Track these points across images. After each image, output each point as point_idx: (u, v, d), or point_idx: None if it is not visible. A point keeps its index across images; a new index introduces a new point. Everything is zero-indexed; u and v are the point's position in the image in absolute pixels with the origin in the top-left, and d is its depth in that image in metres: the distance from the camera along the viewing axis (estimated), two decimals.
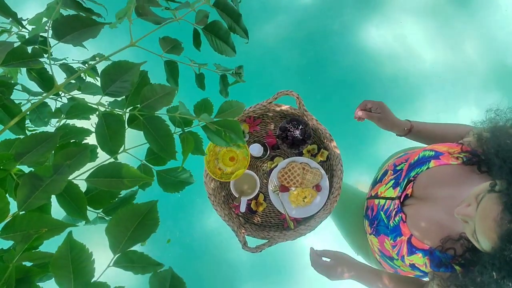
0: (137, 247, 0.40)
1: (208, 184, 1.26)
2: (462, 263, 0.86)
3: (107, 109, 0.51)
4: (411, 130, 1.16)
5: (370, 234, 1.16)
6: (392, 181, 1.11)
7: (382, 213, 1.09)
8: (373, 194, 1.19)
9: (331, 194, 1.30)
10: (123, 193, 0.56)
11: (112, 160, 0.51)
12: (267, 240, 1.26)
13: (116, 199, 0.54)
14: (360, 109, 1.18)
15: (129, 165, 0.50)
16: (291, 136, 1.27)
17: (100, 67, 0.56)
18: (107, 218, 0.56)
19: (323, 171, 1.33)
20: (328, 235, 1.80)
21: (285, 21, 2.04)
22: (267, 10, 2.03)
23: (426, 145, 1.14)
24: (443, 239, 0.89)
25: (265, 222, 1.38)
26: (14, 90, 0.58)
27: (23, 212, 0.44)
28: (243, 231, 1.27)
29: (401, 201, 1.03)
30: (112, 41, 1.41)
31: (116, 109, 0.51)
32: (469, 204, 0.77)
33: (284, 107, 1.31)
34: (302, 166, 1.33)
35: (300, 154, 1.36)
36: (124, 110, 0.52)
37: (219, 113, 0.57)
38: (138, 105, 0.51)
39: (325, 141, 1.32)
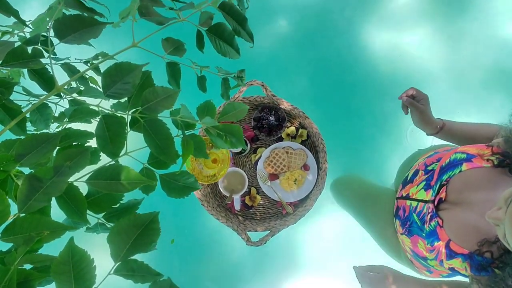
0: (142, 257, 0.40)
1: (198, 192, 1.27)
2: (501, 266, 0.85)
3: (109, 111, 0.50)
4: (442, 128, 1.15)
5: (401, 234, 1.15)
6: (424, 183, 1.10)
7: (414, 215, 1.09)
8: (404, 195, 1.18)
9: (320, 170, 1.31)
10: (125, 199, 0.55)
11: (113, 163, 0.50)
12: (269, 231, 1.26)
13: (118, 205, 0.53)
14: (406, 95, 1.15)
15: (129, 167, 0.49)
16: (267, 123, 1.28)
17: (103, 66, 0.56)
18: (108, 225, 0.56)
19: (307, 150, 1.34)
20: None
21: (284, 22, 2.04)
22: (267, 11, 2.02)
23: (453, 145, 1.12)
24: (480, 242, 0.89)
25: (264, 214, 1.39)
26: (15, 92, 0.58)
27: (24, 214, 0.43)
28: (244, 228, 1.27)
29: (435, 205, 1.03)
30: (114, 42, 1.40)
31: (118, 111, 0.51)
32: (499, 208, 0.76)
33: (253, 98, 1.31)
34: (285, 150, 1.34)
35: (281, 139, 1.37)
36: (126, 112, 0.51)
37: (222, 115, 0.57)
38: (139, 107, 0.51)
39: (301, 120, 1.33)
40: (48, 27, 0.51)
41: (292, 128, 1.36)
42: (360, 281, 1.16)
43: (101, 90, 0.49)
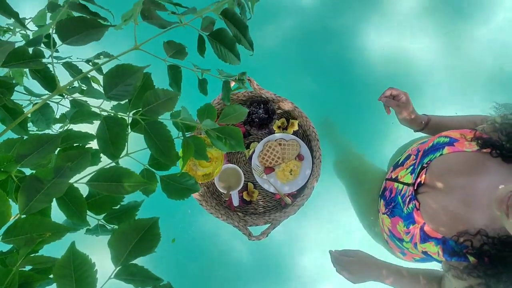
0: (141, 259, 0.41)
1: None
2: (476, 253, 0.85)
3: (110, 113, 0.51)
4: (428, 124, 1.16)
5: (383, 214, 1.16)
6: (412, 167, 1.11)
7: (399, 197, 1.10)
8: (393, 177, 1.20)
9: (314, 159, 1.32)
10: (125, 201, 0.56)
11: (113, 164, 0.50)
12: (270, 224, 1.28)
13: (118, 206, 0.54)
14: (385, 96, 1.16)
15: (130, 169, 0.50)
16: (257, 117, 1.29)
17: (105, 67, 0.56)
18: (108, 227, 0.56)
19: (299, 140, 1.35)
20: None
21: (285, 22, 2.03)
22: (266, 12, 2.02)
23: None
24: (459, 233, 0.88)
25: (263, 208, 1.40)
26: (17, 91, 0.58)
27: (24, 215, 0.44)
28: (244, 224, 1.28)
29: (415, 188, 1.03)
30: (116, 44, 1.40)
31: (119, 113, 0.51)
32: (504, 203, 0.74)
33: (240, 93, 1.31)
34: (278, 142, 1.35)
35: (272, 132, 1.37)
36: (127, 113, 0.51)
37: (222, 117, 0.57)
38: (140, 109, 0.51)
39: (291, 111, 1.33)
40: (51, 28, 0.51)
41: (283, 120, 1.37)
42: (335, 265, 1.17)
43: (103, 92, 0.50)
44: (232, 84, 0.66)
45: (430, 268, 1.09)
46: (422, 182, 1.02)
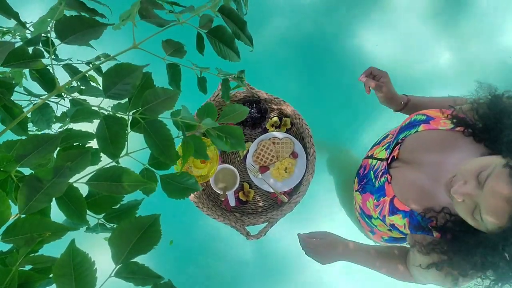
0: (142, 257, 0.40)
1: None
2: (440, 229, 0.86)
3: (110, 112, 0.51)
4: (407, 104, 1.16)
5: (356, 191, 1.18)
6: (388, 144, 1.14)
7: (372, 172, 1.12)
8: (369, 155, 1.22)
9: (308, 155, 1.32)
10: (125, 200, 0.56)
11: (113, 164, 0.50)
12: (267, 223, 1.28)
13: (118, 205, 0.53)
14: (365, 76, 1.16)
15: (130, 169, 0.49)
16: (250, 117, 1.29)
17: (105, 67, 0.56)
18: (108, 226, 0.56)
19: (292, 138, 1.35)
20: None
21: (283, 23, 2.04)
22: (265, 12, 2.02)
23: None
24: (425, 209, 0.90)
25: (260, 208, 1.40)
26: (16, 92, 0.58)
27: (24, 215, 0.43)
28: (242, 224, 1.28)
29: (388, 162, 1.05)
30: (114, 43, 1.41)
31: (119, 112, 0.51)
32: (465, 182, 0.74)
33: (232, 94, 1.32)
34: (271, 141, 1.35)
35: (265, 131, 1.38)
36: (127, 113, 0.51)
37: (222, 116, 0.57)
38: (140, 108, 0.51)
39: (283, 109, 1.33)
40: (49, 28, 0.51)
41: (275, 118, 1.37)
42: (303, 247, 1.17)
43: (101, 89, 0.50)
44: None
45: (396, 245, 1.12)
46: (395, 157, 1.04)
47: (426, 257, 0.86)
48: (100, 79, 0.54)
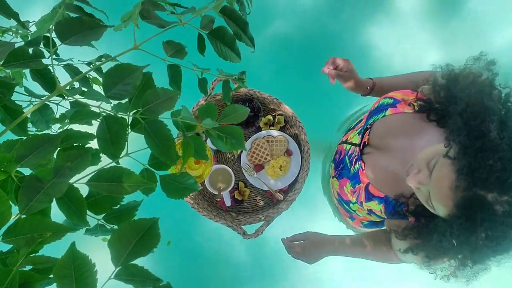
0: (141, 259, 0.40)
1: None
2: (412, 212, 0.87)
3: (110, 112, 0.51)
4: (373, 88, 1.14)
5: (333, 177, 1.18)
6: (361, 128, 1.12)
7: (347, 157, 1.11)
8: (344, 140, 1.21)
9: (303, 153, 1.32)
10: (125, 201, 0.56)
11: (113, 164, 0.50)
12: (263, 221, 1.28)
13: (118, 206, 0.53)
14: (328, 67, 1.14)
15: (130, 169, 0.50)
16: None
17: (105, 68, 0.56)
18: (108, 227, 0.56)
19: (286, 136, 1.35)
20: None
21: (283, 24, 2.04)
22: (265, 13, 2.03)
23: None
24: (396, 195, 0.90)
25: (256, 206, 1.40)
26: (17, 92, 0.58)
27: (24, 215, 0.44)
28: (238, 223, 1.28)
29: (361, 148, 1.05)
30: (115, 44, 1.41)
31: (119, 112, 0.51)
32: (419, 170, 0.75)
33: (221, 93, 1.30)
34: (265, 139, 1.35)
35: (259, 129, 1.37)
36: (128, 113, 0.51)
37: (223, 117, 0.57)
38: (140, 108, 0.51)
39: (276, 107, 1.33)
40: (50, 28, 0.51)
41: (269, 116, 1.37)
42: (289, 253, 1.18)
43: (103, 92, 0.50)
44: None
45: (378, 231, 1.12)
46: (366, 142, 1.04)
47: (405, 243, 0.87)
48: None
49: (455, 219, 0.67)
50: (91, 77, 0.80)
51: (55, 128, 0.68)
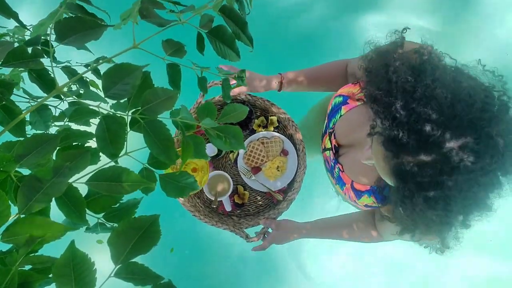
0: (139, 258, 0.40)
1: (186, 204, 1.26)
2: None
3: (109, 112, 0.51)
4: (282, 83, 1.15)
5: (336, 185, 1.19)
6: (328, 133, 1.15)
7: (332, 163, 1.14)
8: (323, 147, 1.22)
9: (298, 151, 1.32)
10: (125, 199, 0.55)
11: (112, 163, 0.50)
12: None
13: (118, 204, 0.53)
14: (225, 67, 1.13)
15: (129, 169, 0.49)
16: None
17: (103, 69, 0.56)
18: (108, 225, 0.56)
19: (281, 136, 1.35)
20: None
21: (283, 24, 2.05)
22: (265, 14, 2.03)
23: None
24: (376, 181, 0.93)
25: (257, 208, 1.40)
26: (15, 94, 0.58)
27: (24, 215, 0.43)
28: (240, 227, 1.28)
29: (334, 152, 1.08)
30: (114, 43, 1.41)
31: (118, 112, 0.51)
32: (369, 147, 0.79)
33: (216, 99, 1.30)
34: (260, 141, 1.35)
35: (253, 131, 1.37)
36: (127, 112, 0.51)
37: (222, 116, 0.57)
38: (139, 108, 0.51)
39: (268, 108, 1.33)
40: (49, 27, 0.51)
41: (262, 118, 1.37)
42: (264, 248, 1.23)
43: (101, 93, 0.50)
44: (232, 82, 0.66)
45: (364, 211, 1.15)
46: (336, 145, 1.06)
47: (397, 225, 0.88)
48: (99, 83, 0.54)
49: (399, 189, 0.70)
50: (88, 79, 0.80)
51: (53, 131, 0.68)
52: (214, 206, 1.30)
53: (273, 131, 1.36)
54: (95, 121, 0.58)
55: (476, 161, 0.62)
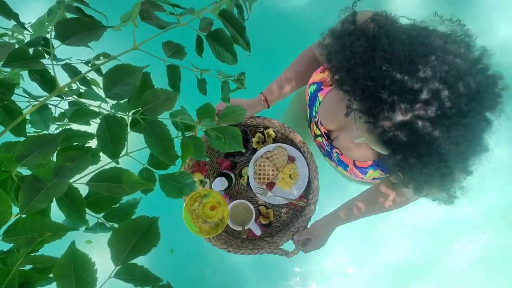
0: (140, 259, 0.41)
1: (217, 243, 1.24)
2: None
3: (110, 112, 0.51)
4: (267, 99, 1.15)
5: (337, 167, 1.19)
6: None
7: (327, 148, 1.15)
8: (313, 135, 1.22)
9: (304, 153, 1.30)
10: (124, 199, 0.56)
11: (113, 164, 0.51)
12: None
13: (118, 204, 0.54)
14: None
15: (129, 170, 0.50)
16: None
17: (105, 68, 0.56)
18: (107, 225, 0.56)
19: (283, 145, 1.34)
20: None
21: (283, 25, 2.04)
22: (265, 15, 2.03)
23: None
24: (375, 155, 0.95)
25: (284, 222, 1.37)
26: (15, 94, 0.58)
27: (25, 215, 0.44)
28: (276, 245, 1.25)
29: (327, 138, 1.09)
30: (114, 44, 1.40)
31: (119, 112, 0.51)
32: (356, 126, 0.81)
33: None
34: (265, 157, 1.34)
35: (254, 150, 1.36)
36: (127, 113, 0.52)
37: (221, 118, 0.57)
38: (140, 108, 0.51)
39: (260, 123, 1.31)
40: (49, 29, 0.51)
41: (258, 135, 1.36)
42: (305, 252, 1.23)
43: (101, 92, 0.50)
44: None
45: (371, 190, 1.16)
46: (326, 132, 1.08)
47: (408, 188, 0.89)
48: (100, 81, 0.55)
49: (392, 155, 0.71)
50: (89, 77, 0.80)
51: (52, 130, 0.68)
52: (244, 237, 1.28)
53: (273, 142, 1.36)
54: (95, 120, 0.58)
55: (452, 105, 0.62)
